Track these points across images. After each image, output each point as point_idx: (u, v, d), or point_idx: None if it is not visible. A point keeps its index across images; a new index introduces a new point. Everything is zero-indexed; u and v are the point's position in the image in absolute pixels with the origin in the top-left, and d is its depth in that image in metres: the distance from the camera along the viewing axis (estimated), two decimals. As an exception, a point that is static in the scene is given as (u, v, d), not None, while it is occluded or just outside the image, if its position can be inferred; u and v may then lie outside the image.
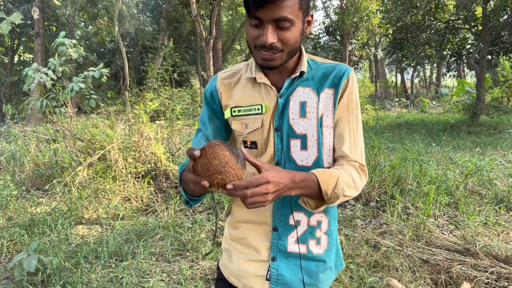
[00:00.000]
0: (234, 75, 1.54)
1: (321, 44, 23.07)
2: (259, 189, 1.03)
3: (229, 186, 1.00)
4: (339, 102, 1.38)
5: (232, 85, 1.50)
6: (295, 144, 1.40)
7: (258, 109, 1.41)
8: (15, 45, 14.59)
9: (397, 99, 22.54)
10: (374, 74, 29.38)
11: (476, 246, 3.73)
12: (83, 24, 17.08)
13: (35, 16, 10.50)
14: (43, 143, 7.31)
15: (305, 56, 1.43)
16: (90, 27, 16.88)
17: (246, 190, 1.02)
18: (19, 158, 7.06)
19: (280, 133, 1.40)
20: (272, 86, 1.41)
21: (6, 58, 14.26)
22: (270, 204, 1.39)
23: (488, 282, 3.22)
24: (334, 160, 1.40)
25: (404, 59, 17.34)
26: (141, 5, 18.13)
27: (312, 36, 22.80)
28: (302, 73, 1.40)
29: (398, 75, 27.20)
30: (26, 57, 16.80)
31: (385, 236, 4.17)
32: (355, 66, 24.16)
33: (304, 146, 1.40)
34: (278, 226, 1.41)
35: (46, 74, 8.94)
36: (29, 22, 12.52)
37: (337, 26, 20.81)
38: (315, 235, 1.43)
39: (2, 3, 12.43)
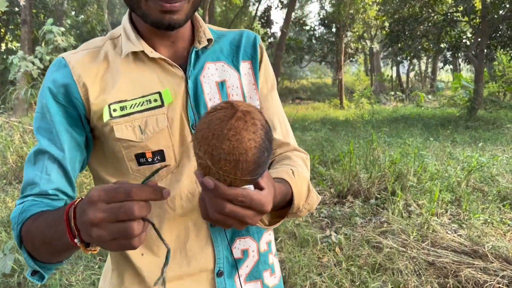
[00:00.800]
0: (96, 55, 1.04)
1: (316, 36, 22.85)
2: (248, 213, 0.70)
3: (219, 184, 0.65)
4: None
5: (102, 70, 1.02)
6: None
7: (156, 100, 0.99)
8: (1, 33, 14.22)
9: (392, 93, 22.40)
10: (369, 67, 29.23)
11: (484, 248, 3.51)
12: (73, 13, 16.70)
13: (22, 2, 10.14)
14: (28, 134, 7.03)
15: (202, 21, 1.09)
16: (80, 16, 16.50)
17: (235, 205, 0.68)
18: (2, 149, 6.77)
19: None
20: (174, 63, 1.00)
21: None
22: (205, 236, 1.01)
23: (500, 287, 3.00)
24: None
25: (400, 52, 17.14)
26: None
27: (308, 27, 22.56)
28: (209, 41, 1.06)
29: (394, 68, 27.07)
30: (14, 46, 16.44)
31: (387, 235, 3.96)
32: (350, 59, 23.99)
33: None
34: (223, 267, 1.01)
35: (33, 62, 8.63)
36: (16, 9, 12.16)
37: (332, 18, 20.56)
38: (268, 263, 1.10)
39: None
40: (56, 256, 0.84)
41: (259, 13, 21.03)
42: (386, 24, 17.95)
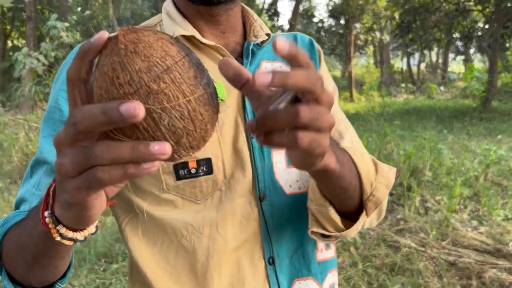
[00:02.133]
0: None
1: (325, 28, 22.60)
2: (324, 97, 0.49)
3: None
4: None
5: None
6: (279, 158, 0.87)
7: None
8: (7, 30, 14.17)
9: (403, 85, 22.09)
10: (379, 59, 28.91)
11: (508, 246, 3.33)
12: (79, 9, 16.62)
13: (26, -2, 10.03)
14: (33, 132, 6.93)
15: (257, 16, 0.95)
16: (86, 11, 16.42)
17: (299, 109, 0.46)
18: (7, 148, 6.68)
19: None
20: (229, 55, 0.86)
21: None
22: (262, 278, 0.84)
23: (528, 289, 2.83)
24: None
25: (411, 43, 16.87)
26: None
27: (316, 19, 22.33)
28: (268, 37, 0.91)
29: (404, 60, 26.74)
30: (20, 43, 16.41)
31: (404, 234, 3.78)
32: (360, 51, 23.72)
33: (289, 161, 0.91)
34: None
35: (38, 59, 8.53)
36: (22, 6, 12.08)
37: (341, 9, 20.28)
38: None
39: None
40: (33, 267, 0.65)
41: (266, 6, 20.84)
42: (396, 14, 17.67)
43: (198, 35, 0.85)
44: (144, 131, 0.42)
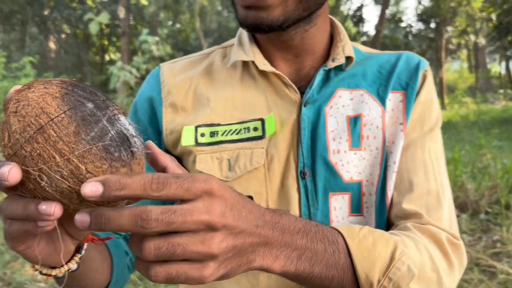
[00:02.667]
0: (198, 63, 0.86)
1: (414, 32, 21.76)
2: (182, 210, 0.41)
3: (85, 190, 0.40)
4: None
5: (198, 83, 0.83)
6: (339, 203, 0.76)
7: (256, 129, 0.76)
8: (105, 45, 15.31)
9: (501, 91, 20.56)
10: (474, 64, 27.24)
11: None
12: (170, 23, 17.49)
13: (121, 15, 10.73)
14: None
15: (345, 34, 0.84)
16: (177, 25, 17.26)
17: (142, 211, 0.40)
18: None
19: (312, 180, 0.75)
20: (289, 82, 0.78)
21: (97, 58, 14.98)
22: None
23: None
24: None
25: (511, 45, 15.69)
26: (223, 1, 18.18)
27: (404, 24, 21.58)
28: (349, 59, 0.80)
29: (503, 64, 24.95)
30: (116, 57, 17.64)
31: (502, 257, 3.45)
32: (452, 55, 22.51)
33: (356, 207, 0.76)
34: None
35: (130, 72, 9.05)
36: (116, 22, 12.97)
37: (431, 13, 19.40)
38: None
39: (93, 5, 12.98)
40: None
41: (351, 12, 20.51)
42: (493, 15, 16.51)
43: (258, 61, 0.79)
44: (35, 191, 0.41)
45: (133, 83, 8.85)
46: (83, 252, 0.55)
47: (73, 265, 0.54)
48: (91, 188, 0.38)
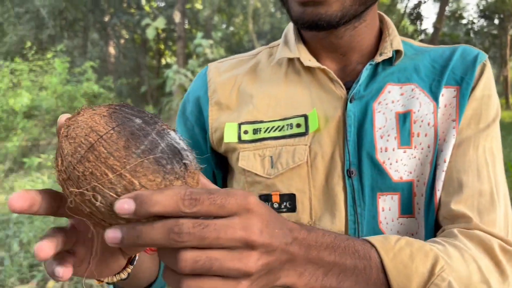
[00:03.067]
0: (245, 62, 0.86)
1: (475, 29, 20.77)
2: (216, 225, 0.39)
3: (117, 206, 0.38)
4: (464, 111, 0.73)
5: (242, 81, 0.82)
6: (388, 204, 0.72)
7: (299, 125, 0.74)
8: (162, 49, 15.74)
9: None
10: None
11: None
12: (224, 26, 17.72)
13: (177, 20, 10.97)
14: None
15: (394, 28, 0.80)
16: (230, 27, 17.44)
17: (180, 221, 0.38)
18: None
19: (359, 179, 0.72)
20: (335, 77, 0.75)
21: (154, 62, 15.41)
22: None
23: None
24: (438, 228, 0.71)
25: None
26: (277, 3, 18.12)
27: (465, 21, 20.65)
28: (398, 53, 0.76)
29: None
30: (172, 60, 18.10)
31: None
32: (518, 52, 21.33)
33: (407, 208, 0.72)
34: None
35: (185, 75, 9.22)
36: (172, 26, 13.28)
37: (494, 8, 18.42)
38: None
39: (150, 10, 13.36)
40: None
41: (408, 10, 19.88)
42: None
43: (303, 57, 0.77)
44: (91, 215, 0.40)
45: (188, 86, 9.03)
46: (135, 263, 0.55)
47: (124, 275, 0.54)
48: (124, 205, 0.37)
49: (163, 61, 15.39)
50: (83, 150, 0.39)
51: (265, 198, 0.74)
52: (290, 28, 0.84)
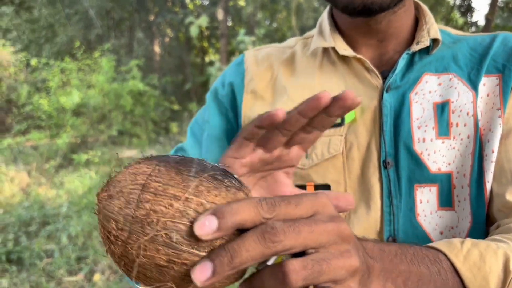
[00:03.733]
0: (281, 53, 0.85)
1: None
2: (311, 218, 0.37)
3: (201, 224, 0.34)
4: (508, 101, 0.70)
5: (279, 72, 0.82)
6: (425, 196, 0.70)
7: None
8: (205, 47, 15.91)
9: None
10: None
11: None
12: (267, 22, 17.71)
13: (220, 17, 11.03)
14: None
15: (431, 16, 0.78)
16: (273, 24, 17.40)
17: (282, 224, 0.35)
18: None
19: (395, 170, 0.70)
20: (371, 66, 0.75)
21: (198, 59, 15.59)
22: None
23: None
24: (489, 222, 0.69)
25: None
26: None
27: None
28: (435, 42, 0.75)
29: None
30: (216, 58, 18.32)
31: None
32: None
33: (446, 201, 0.69)
34: None
35: (228, 72, 9.29)
36: (215, 24, 13.38)
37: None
38: None
39: (194, 9, 13.52)
40: None
41: (458, 1, 19.17)
42: None
43: (339, 46, 0.76)
44: (171, 264, 0.34)
45: (231, 83, 9.06)
46: None
47: None
48: (204, 224, 0.33)
49: (207, 59, 15.54)
50: (136, 194, 0.35)
51: (300, 188, 0.72)
52: (324, 17, 0.83)
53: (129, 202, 0.35)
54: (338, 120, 0.73)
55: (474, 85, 0.72)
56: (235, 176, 0.40)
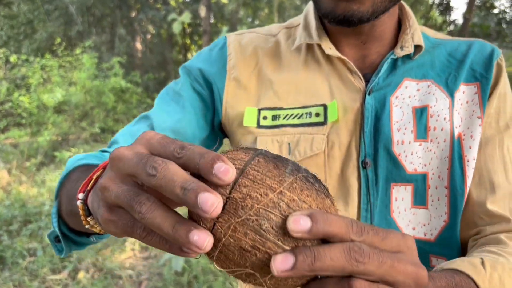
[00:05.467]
0: (265, 41, 0.85)
1: (508, 19, 20.15)
2: (396, 255, 0.37)
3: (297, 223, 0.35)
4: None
5: (263, 64, 0.82)
6: (401, 194, 0.73)
7: (318, 115, 0.75)
8: (188, 43, 15.83)
9: None
10: None
11: None
12: (250, 20, 17.70)
13: (202, 14, 10.99)
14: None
15: (414, 20, 0.80)
16: (255, 21, 17.40)
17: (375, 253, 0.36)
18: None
19: (373, 170, 0.73)
20: (355, 69, 0.77)
21: (180, 56, 15.51)
22: None
23: None
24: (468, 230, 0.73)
25: None
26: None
27: (496, 10, 20.07)
28: (417, 48, 0.77)
29: None
30: (198, 55, 18.27)
31: None
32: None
33: (420, 199, 0.73)
34: None
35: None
36: (198, 21, 13.34)
37: (528, -3, 17.82)
38: None
39: (176, 5, 13.44)
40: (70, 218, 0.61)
41: (437, 0, 19.45)
42: None
43: (324, 44, 0.77)
44: (255, 250, 0.36)
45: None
46: None
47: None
48: (299, 221, 0.34)
49: (189, 56, 15.48)
50: (234, 177, 0.37)
51: None
52: (310, 10, 0.84)
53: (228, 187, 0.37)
54: (321, 119, 0.75)
55: (450, 91, 0.75)
56: (323, 183, 0.41)
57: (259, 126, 0.78)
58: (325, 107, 0.76)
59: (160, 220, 0.35)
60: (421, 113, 0.74)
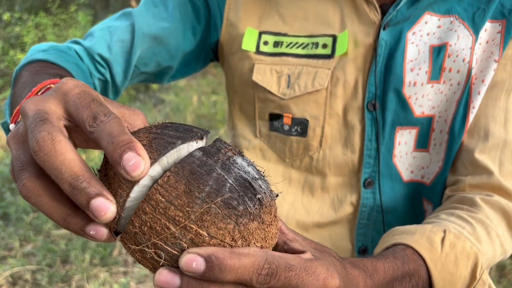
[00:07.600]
0: None
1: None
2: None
3: (187, 259, 0.32)
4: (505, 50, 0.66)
5: None
6: (404, 138, 0.69)
7: (326, 46, 0.68)
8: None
9: None
10: None
11: None
12: None
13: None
14: (205, 95, 7.49)
15: None
16: None
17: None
18: (182, 110, 7.34)
19: (381, 113, 0.68)
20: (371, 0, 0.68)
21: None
22: None
23: None
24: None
25: None
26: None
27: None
28: None
29: None
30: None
31: None
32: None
33: (422, 143, 0.69)
34: None
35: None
36: None
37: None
38: None
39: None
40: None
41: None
42: None
43: None
44: (155, 270, 0.34)
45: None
46: None
47: None
48: (192, 263, 0.31)
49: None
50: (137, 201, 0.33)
51: (276, 117, 0.71)
52: None
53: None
54: (328, 51, 0.69)
55: (476, 28, 0.67)
56: (260, 195, 0.35)
57: (258, 51, 0.71)
58: (334, 38, 0.69)
59: (48, 206, 0.33)
60: (438, 52, 0.67)
